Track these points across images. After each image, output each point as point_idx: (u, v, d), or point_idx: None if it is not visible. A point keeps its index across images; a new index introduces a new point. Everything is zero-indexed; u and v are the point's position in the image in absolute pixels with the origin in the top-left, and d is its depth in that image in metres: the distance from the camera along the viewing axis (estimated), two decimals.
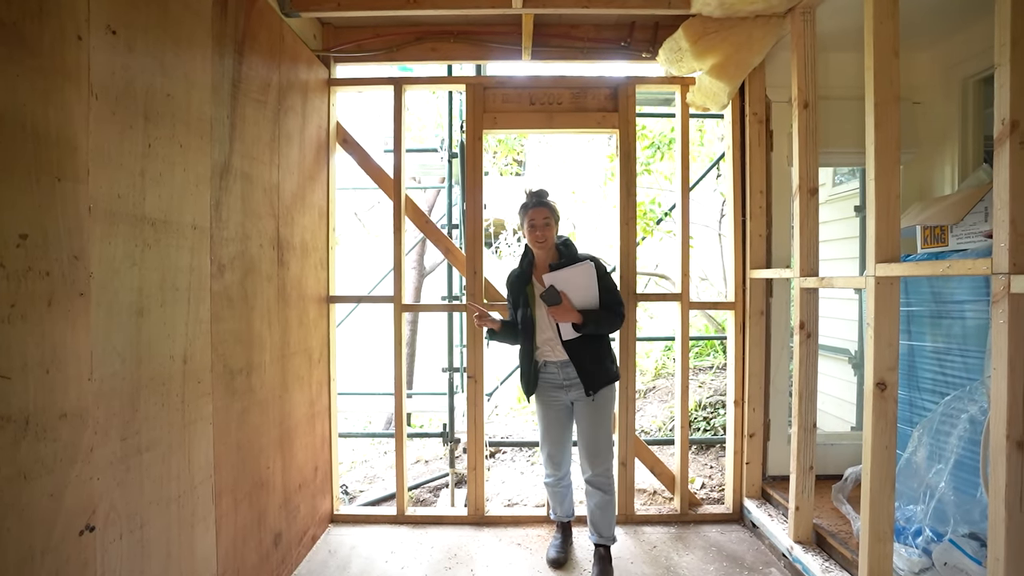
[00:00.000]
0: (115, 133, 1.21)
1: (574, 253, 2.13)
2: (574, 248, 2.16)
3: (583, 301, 2.03)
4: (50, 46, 1.04)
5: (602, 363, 2.09)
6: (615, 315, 2.08)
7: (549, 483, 2.31)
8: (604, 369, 2.09)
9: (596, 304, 2.04)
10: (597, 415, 2.13)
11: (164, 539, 1.39)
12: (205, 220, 1.59)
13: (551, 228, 2.09)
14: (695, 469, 3.52)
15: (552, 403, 2.19)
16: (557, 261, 2.11)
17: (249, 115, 1.86)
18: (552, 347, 2.12)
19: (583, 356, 2.07)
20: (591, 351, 2.08)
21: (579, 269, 2.01)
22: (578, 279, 2.01)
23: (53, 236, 1.04)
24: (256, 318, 1.93)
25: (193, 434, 1.53)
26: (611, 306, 2.07)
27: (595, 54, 2.56)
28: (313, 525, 2.45)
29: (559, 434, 2.23)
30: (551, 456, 2.25)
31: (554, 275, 2.02)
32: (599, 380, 2.08)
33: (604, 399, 2.13)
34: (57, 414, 1.05)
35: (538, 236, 2.08)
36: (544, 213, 2.08)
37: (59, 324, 1.05)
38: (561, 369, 2.13)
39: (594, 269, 2.03)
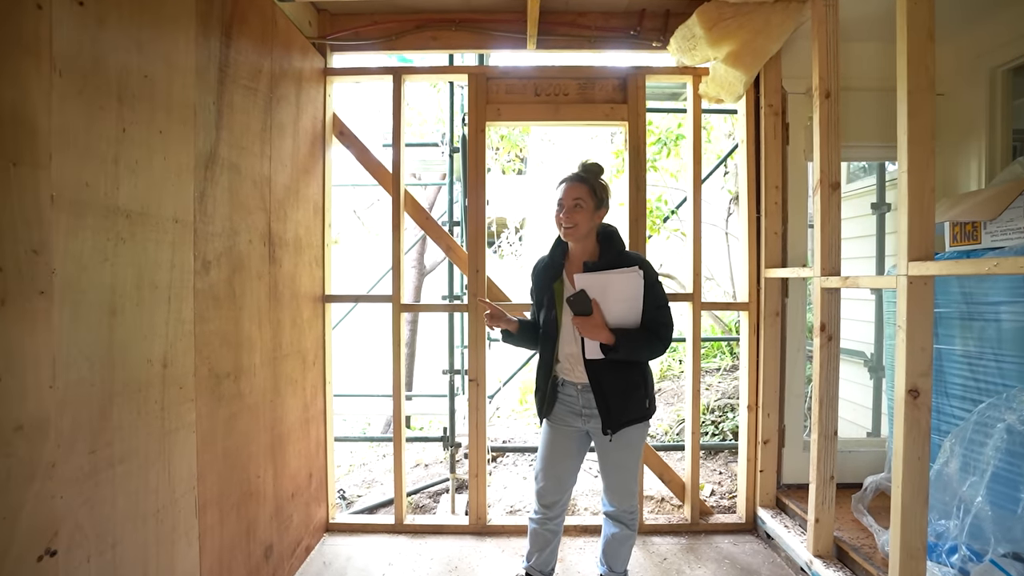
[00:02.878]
0: (82, 115, 1.10)
1: (620, 250, 1.68)
2: (621, 243, 1.71)
3: (620, 316, 1.59)
4: (4, 14, 0.93)
5: (631, 396, 1.65)
6: (658, 340, 1.61)
7: (534, 520, 1.84)
8: (633, 404, 1.66)
9: (637, 320, 1.60)
10: (621, 454, 1.73)
11: (140, 558, 1.28)
12: (188, 213, 1.48)
13: (584, 212, 1.62)
14: (704, 475, 3.40)
15: (563, 428, 1.77)
16: (595, 259, 1.68)
17: (238, 103, 1.75)
18: (573, 365, 1.70)
19: (607, 384, 1.63)
20: (619, 378, 1.63)
21: (622, 276, 1.57)
22: (618, 288, 1.57)
23: (7, 228, 0.93)
24: (245, 318, 1.82)
25: (174, 443, 1.42)
26: (656, 328, 1.61)
27: (603, 43, 2.45)
28: (307, 535, 2.34)
29: (562, 468, 1.79)
30: (544, 492, 1.80)
31: (587, 277, 1.59)
32: (623, 417, 1.64)
33: (628, 441, 1.70)
34: (12, 426, 0.94)
35: (563, 219, 1.64)
36: (577, 191, 1.62)
37: (14, 326, 0.94)
38: (580, 394, 1.71)
39: (641, 278, 1.57)
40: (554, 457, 1.79)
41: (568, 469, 1.80)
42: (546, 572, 1.87)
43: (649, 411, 1.71)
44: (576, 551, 2.33)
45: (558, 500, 1.81)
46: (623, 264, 1.61)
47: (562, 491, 1.81)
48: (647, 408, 1.70)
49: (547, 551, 1.85)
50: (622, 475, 1.77)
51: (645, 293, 1.58)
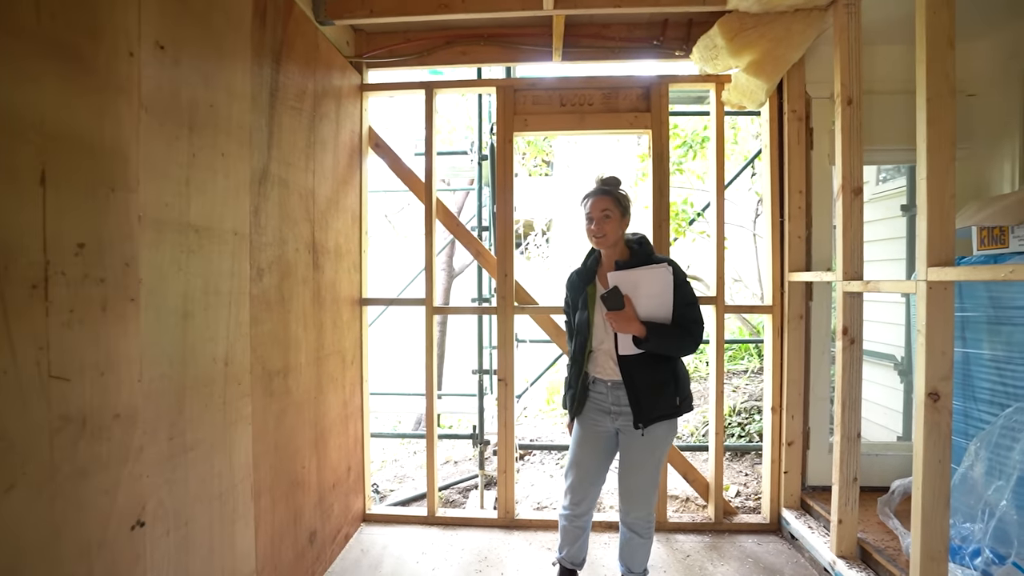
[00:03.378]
0: (162, 144, 1.25)
1: (649, 253, 1.78)
2: (650, 247, 1.82)
3: (651, 311, 1.68)
4: (104, 63, 1.09)
5: (663, 392, 1.70)
6: (689, 336, 1.69)
7: (564, 516, 1.90)
8: (665, 400, 1.71)
9: (668, 317, 1.68)
10: (644, 454, 1.76)
11: (207, 535, 1.44)
12: (245, 226, 1.63)
13: (612, 221, 1.73)
14: (729, 476, 3.43)
15: (592, 427, 1.83)
16: (626, 259, 1.78)
17: (286, 122, 1.91)
18: (605, 362, 1.77)
19: (640, 378, 1.70)
20: (652, 373, 1.70)
21: (651, 272, 1.68)
22: (649, 283, 1.67)
23: (107, 244, 1.09)
24: (293, 320, 1.98)
25: (234, 434, 1.57)
26: (686, 324, 1.68)
27: (627, 53, 2.52)
28: (346, 524, 2.50)
29: (591, 466, 1.84)
30: (574, 488, 1.87)
31: (620, 274, 1.70)
32: (654, 412, 1.70)
33: (656, 437, 1.74)
34: (111, 414, 1.10)
35: (594, 230, 1.75)
36: (603, 204, 1.73)
37: (112, 328, 1.10)
38: (611, 391, 1.76)
39: (671, 275, 1.67)
40: (584, 455, 1.84)
41: (597, 467, 1.85)
42: (577, 562, 1.94)
43: (680, 408, 1.75)
44: (601, 546, 2.41)
45: (586, 497, 1.85)
46: (653, 263, 1.71)
47: (591, 488, 1.86)
48: (677, 405, 1.74)
49: (577, 544, 1.91)
50: (642, 477, 1.78)
51: (675, 291, 1.67)
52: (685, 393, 1.77)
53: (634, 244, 1.81)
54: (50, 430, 0.97)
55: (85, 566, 1.04)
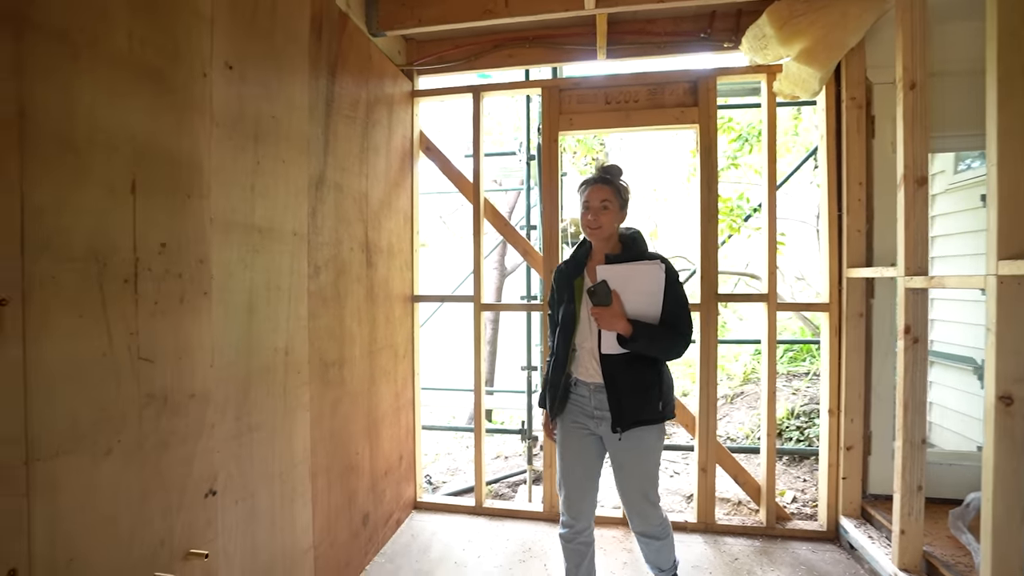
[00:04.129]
0: (231, 154, 1.40)
1: (642, 249, 1.69)
2: (643, 244, 1.72)
3: (640, 309, 1.58)
4: (183, 83, 1.23)
5: (645, 395, 1.62)
6: (678, 337, 1.59)
7: (563, 535, 1.78)
8: (646, 403, 1.62)
9: (656, 316, 1.59)
10: (632, 459, 1.67)
11: (269, 509, 1.58)
12: (303, 227, 1.77)
13: (609, 213, 1.64)
14: (787, 482, 3.28)
15: (576, 431, 1.73)
16: (619, 253, 1.69)
17: (341, 130, 2.04)
18: (588, 363, 1.68)
19: (622, 380, 1.61)
20: (634, 375, 1.61)
21: (643, 268, 1.59)
22: (639, 280, 1.58)
23: (184, 244, 1.24)
24: (347, 315, 2.11)
25: (294, 419, 1.71)
26: (675, 324, 1.59)
27: (673, 48, 2.49)
28: (398, 510, 2.63)
29: (582, 474, 1.73)
30: (568, 504, 1.75)
31: (609, 268, 1.60)
32: (634, 416, 1.60)
33: (641, 444, 1.64)
34: (187, 394, 1.24)
35: (589, 220, 1.64)
36: (603, 193, 1.64)
37: (189, 318, 1.24)
38: (593, 395, 1.68)
39: (662, 272, 1.58)
40: (571, 464, 1.74)
41: (587, 475, 1.74)
42: None
43: (663, 414, 1.65)
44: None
45: (582, 511, 1.75)
46: (645, 259, 1.64)
47: (584, 500, 1.75)
48: (660, 411, 1.64)
49: (584, 565, 1.78)
50: (636, 482, 1.68)
51: (666, 291, 1.58)
52: (669, 398, 1.68)
53: (627, 238, 1.71)
54: (138, 405, 1.11)
55: (167, 525, 1.18)
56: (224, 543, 1.37)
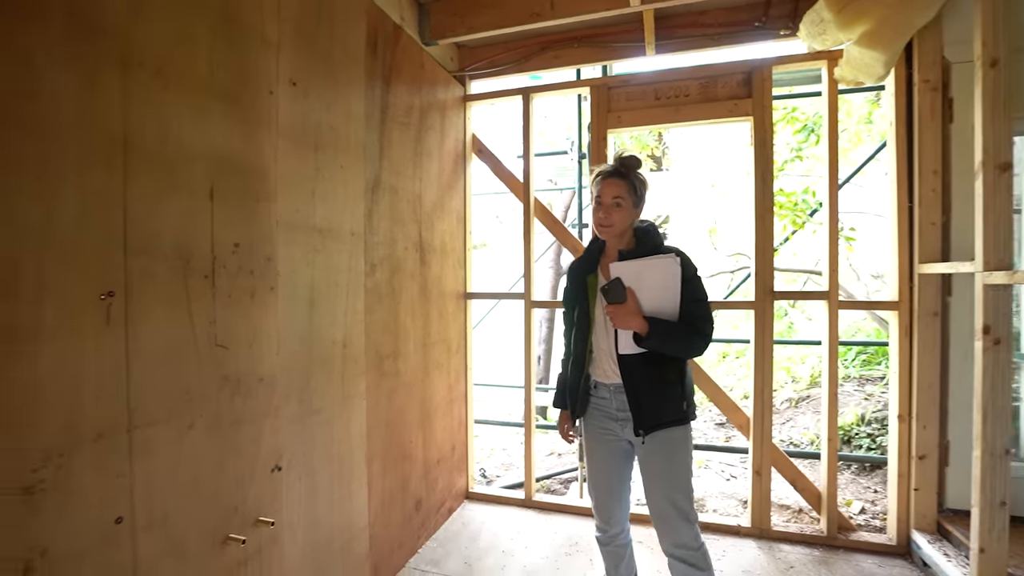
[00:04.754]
0: (293, 162, 1.54)
1: (657, 243, 1.59)
2: (658, 237, 1.62)
3: (655, 305, 1.50)
4: (252, 101, 1.38)
5: (665, 394, 1.53)
6: (696, 334, 1.50)
7: (597, 537, 1.73)
8: (667, 402, 1.53)
9: (674, 314, 1.51)
10: (657, 464, 1.56)
11: (328, 487, 1.72)
12: (360, 227, 1.91)
13: (622, 211, 1.54)
14: (855, 491, 3.09)
15: (603, 437, 1.65)
16: (632, 248, 1.60)
17: (395, 136, 2.17)
18: (606, 363, 1.60)
19: (640, 380, 1.53)
20: (653, 374, 1.52)
21: (657, 262, 1.50)
22: (654, 275, 1.50)
23: (254, 244, 1.38)
24: (401, 311, 2.24)
25: (351, 406, 1.85)
26: (693, 320, 1.50)
27: (726, 39, 2.42)
28: (450, 498, 2.74)
29: (611, 479, 1.66)
30: (597, 509, 1.70)
31: (622, 265, 1.52)
32: (656, 417, 1.52)
33: (666, 447, 1.54)
34: (256, 378, 1.39)
35: (601, 218, 1.56)
36: (616, 189, 1.54)
37: (258, 310, 1.39)
38: (614, 396, 1.60)
39: (678, 266, 1.49)
40: (599, 469, 1.68)
41: (616, 482, 1.67)
42: None
43: (687, 414, 1.56)
44: None
45: (613, 516, 1.68)
46: (660, 253, 1.54)
47: (615, 507, 1.67)
48: (684, 410, 1.55)
49: (623, 566, 1.73)
50: (662, 489, 1.55)
51: (683, 286, 1.50)
52: (692, 397, 1.60)
53: (641, 232, 1.62)
54: (216, 386, 1.26)
55: (240, 495, 1.34)
56: (288, 515, 1.51)
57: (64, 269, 0.95)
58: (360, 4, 1.88)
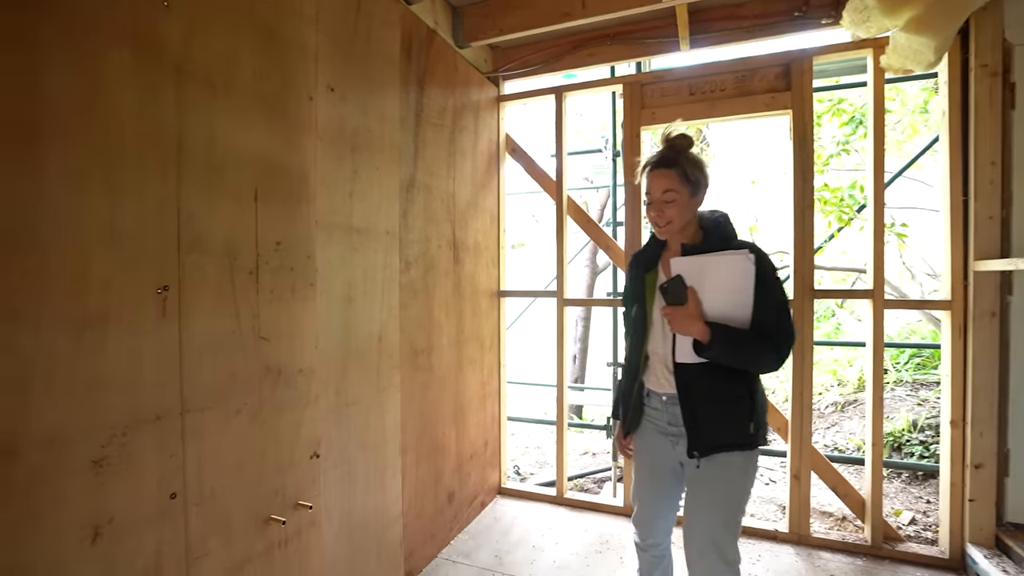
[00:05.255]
0: (332, 165, 1.62)
1: (728, 236, 1.38)
2: (730, 229, 1.40)
3: (722, 309, 1.30)
4: (293, 107, 1.46)
5: (728, 411, 1.32)
6: (768, 346, 1.27)
7: (637, 544, 1.59)
8: (730, 421, 1.32)
9: (745, 320, 1.30)
10: (708, 492, 1.35)
11: (364, 476, 1.79)
12: (395, 226, 1.97)
13: (677, 205, 1.34)
14: (905, 501, 2.94)
15: (649, 455, 1.50)
16: (696, 242, 1.39)
17: (429, 138, 2.23)
18: (660, 371, 1.42)
19: (697, 391, 1.34)
20: (716, 387, 1.33)
21: (725, 259, 1.30)
22: (721, 274, 1.31)
23: (295, 242, 1.47)
24: (435, 307, 2.30)
25: (386, 399, 1.92)
26: (767, 329, 1.28)
27: (764, 31, 2.36)
28: (482, 493, 2.79)
29: (654, 496, 1.50)
30: (637, 521, 1.56)
31: (685, 261, 1.34)
32: (715, 437, 1.32)
33: (721, 472, 1.34)
34: (296, 369, 1.47)
35: (654, 217, 1.39)
36: (665, 182, 1.35)
37: (298, 305, 1.47)
38: (666, 408, 1.42)
39: (752, 265, 1.27)
40: (644, 478, 1.54)
41: (660, 501, 1.51)
42: None
43: (754, 438, 1.33)
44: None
45: (652, 531, 1.53)
46: (731, 249, 1.33)
47: (656, 522, 1.53)
48: (751, 434, 1.32)
49: (658, 572, 1.57)
50: (707, 524, 1.35)
51: (757, 287, 1.28)
52: (762, 419, 1.36)
53: (709, 223, 1.41)
54: (259, 376, 1.35)
55: (281, 479, 1.42)
56: (325, 500, 1.59)
57: (126, 265, 1.05)
58: (395, 11, 1.95)
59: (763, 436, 1.36)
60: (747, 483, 1.36)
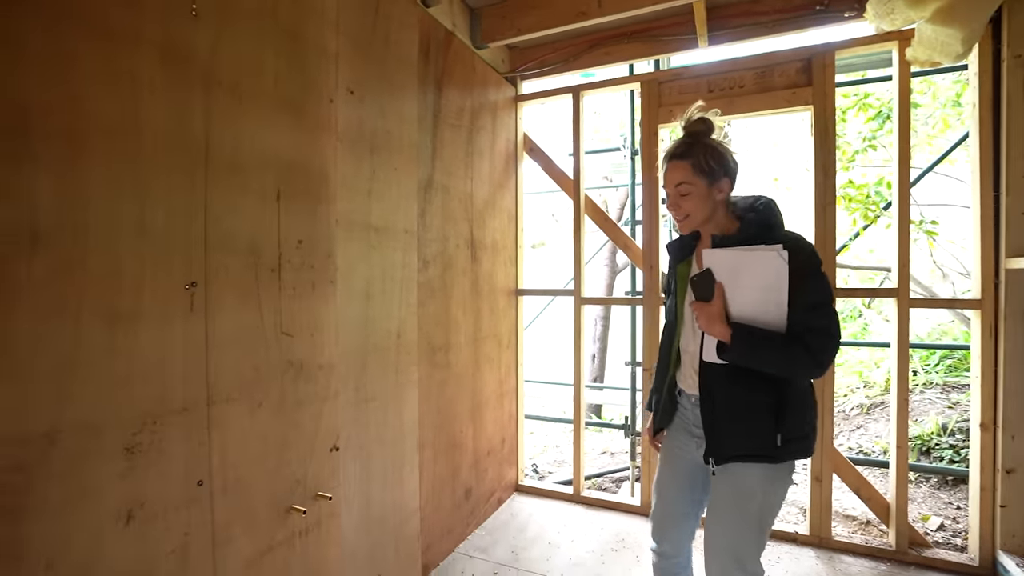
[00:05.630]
0: (351, 165, 1.66)
1: (767, 226, 1.25)
2: (771, 218, 1.27)
3: (753, 308, 1.22)
4: (313, 109, 1.50)
5: (751, 419, 1.23)
6: (800, 351, 1.16)
7: (653, 553, 1.51)
8: (752, 430, 1.23)
9: (779, 321, 1.19)
10: (725, 505, 1.30)
11: (382, 470, 1.83)
12: (413, 225, 2.01)
13: (693, 198, 1.27)
14: (934, 506, 2.85)
15: (677, 449, 1.44)
16: (731, 233, 1.29)
17: (447, 138, 2.26)
18: (687, 369, 1.37)
19: (719, 396, 1.27)
20: (738, 392, 1.24)
21: (756, 256, 1.20)
22: (753, 271, 1.21)
23: (316, 241, 1.51)
24: (453, 305, 2.33)
25: (404, 395, 1.96)
26: (800, 333, 1.17)
27: (784, 26, 2.32)
28: (499, 489, 2.81)
29: (672, 497, 1.45)
30: (654, 521, 1.50)
31: (715, 254, 1.26)
32: (733, 445, 1.25)
33: (737, 484, 1.27)
34: (317, 364, 1.51)
35: (672, 212, 1.33)
36: (678, 174, 1.27)
37: (319, 302, 1.52)
38: (693, 409, 1.37)
39: (783, 262, 1.16)
40: (664, 478, 1.48)
41: (679, 499, 1.45)
42: None
43: (780, 452, 1.23)
44: None
45: (666, 537, 1.46)
46: (767, 242, 1.21)
47: (673, 527, 1.45)
48: (777, 446, 1.22)
49: None
50: (724, 537, 1.29)
51: (793, 285, 1.17)
52: (798, 431, 1.24)
53: (749, 212, 1.28)
54: (281, 370, 1.40)
55: (302, 469, 1.46)
56: (344, 492, 1.63)
57: (157, 262, 1.10)
58: (413, 13, 1.98)
59: (795, 450, 1.25)
60: (770, 498, 1.26)
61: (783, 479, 1.27)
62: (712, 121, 1.31)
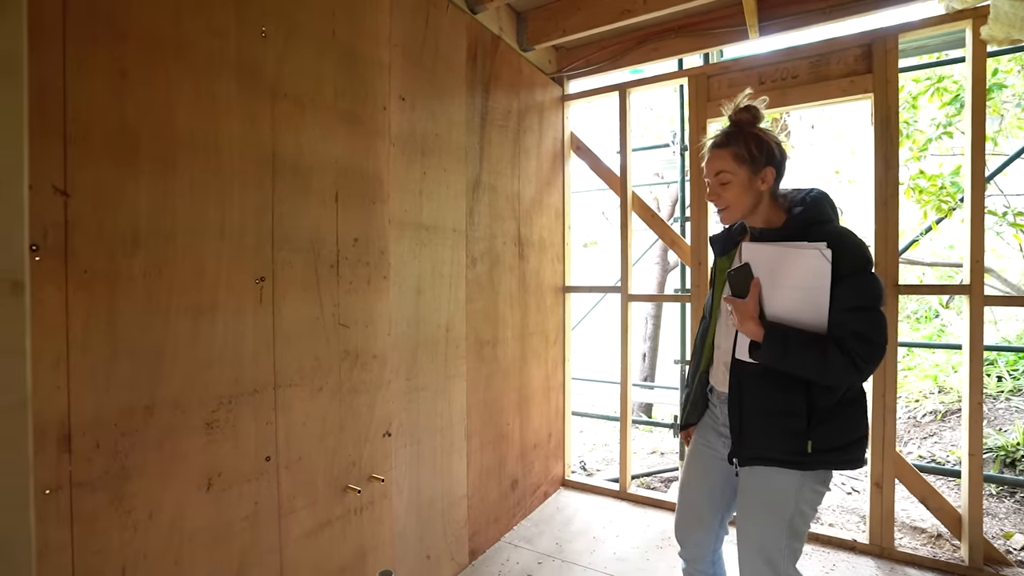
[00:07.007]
0: (403, 167, 1.76)
1: (816, 219, 1.19)
2: (820, 211, 1.20)
3: (789, 308, 1.16)
4: (369, 117, 1.62)
5: (779, 422, 1.18)
6: (841, 355, 1.09)
7: (679, 554, 1.47)
8: (780, 434, 1.18)
9: (818, 323, 1.13)
10: (751, 508, 1.26)
11: (431, 456, 1.93)
12: (462, 224, 2.10)
13: (734, 187, 1.21)
14: (1020, 523, 2.63)
15: (705, 447, 1.40)
16: (775, 227, 1.23)
17: (494, 139, 2.34)
18: (719, 366, 1.33)
19: (748, 395, 1.23)
20: (767, 393, 1.20)
21: (797, 254, 1.14)
22: (793, 269, 1.15)
23: (371, 239, 1.62)
24: (500, 301, 2.40)
25: (452, 386, 2.05)
26: (841, 337, 1.10)
27: (841, 11, 2.22)
28: (545, 483, 2.86)
29: (696, 496, 1.40)
30: (677, 522, 1.44)
31: (754, 248, 1.21)
32: (759, 447, 1.21)
33: (763, 487, 1.23)
34: (371, 355, 1.63)
35: (713, 201, 1.27)
36: (719, 162, 1.22)
37: (373, 296, 1.63)
38: (721, 406, 1.33)
39: (824, 262, 1.10)
40: (689, 476, 1.43)
41: (704, 499, 1.39)
42: None
43: (810, 459, 1.17)
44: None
45: (689, 539, 1.42)
46: (812, 238, 1.14)
47: (696, 528, 1.40)
48: (806, 454, 1.16)
49: None
50: (753, 538, 1.24)
51: (836, 285, 1.11)
52: (837, 439, 1.17)
53: (796, 205, 1.22)
54: (339, 359, 1.51)
55: (357, 451, 1.58)
56: (396, 475, 1.74)
57: (232, 260, 1.23)
58: (461, 21, 2.07)
59: (835, 460, 1.18)
60: (798, 505, 1.20)
61: (813, 487, 1.20)
62: (758, 109, 1.26)
